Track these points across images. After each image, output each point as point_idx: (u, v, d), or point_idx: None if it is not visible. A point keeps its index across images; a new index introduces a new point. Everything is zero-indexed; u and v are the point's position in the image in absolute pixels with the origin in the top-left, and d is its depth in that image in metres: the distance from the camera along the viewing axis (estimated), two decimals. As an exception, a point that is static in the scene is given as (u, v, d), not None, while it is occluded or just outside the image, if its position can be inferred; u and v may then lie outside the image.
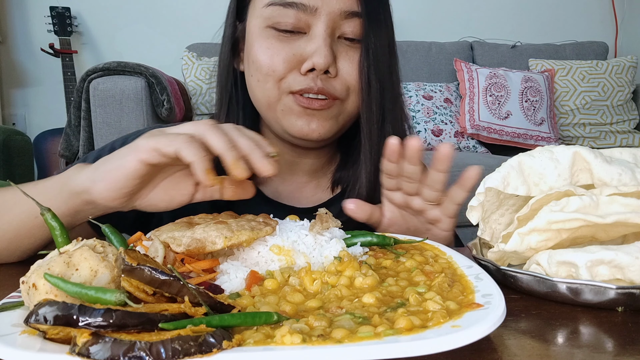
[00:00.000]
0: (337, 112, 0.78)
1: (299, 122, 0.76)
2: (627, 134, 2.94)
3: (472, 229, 0.87)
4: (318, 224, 0.57)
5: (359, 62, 0.75)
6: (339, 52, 0.75)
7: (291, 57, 0.74)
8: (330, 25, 0.73)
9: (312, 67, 0.73)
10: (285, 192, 0.89)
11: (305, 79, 0.74)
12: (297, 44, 0.74)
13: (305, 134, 0.77)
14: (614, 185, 0.53)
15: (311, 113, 0.76)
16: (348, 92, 0.77)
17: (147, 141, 0.55)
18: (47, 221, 0.50)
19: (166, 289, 0.38)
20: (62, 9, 2.97)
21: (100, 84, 2.10)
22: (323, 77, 0.74)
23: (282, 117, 0.78)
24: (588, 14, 3.55)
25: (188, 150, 0.52)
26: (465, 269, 0.51)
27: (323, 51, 0.72)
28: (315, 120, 0.76)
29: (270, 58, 0.74)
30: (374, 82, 0.76)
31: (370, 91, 0.77)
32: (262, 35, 0.76)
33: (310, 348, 0.33)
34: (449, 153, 0.61)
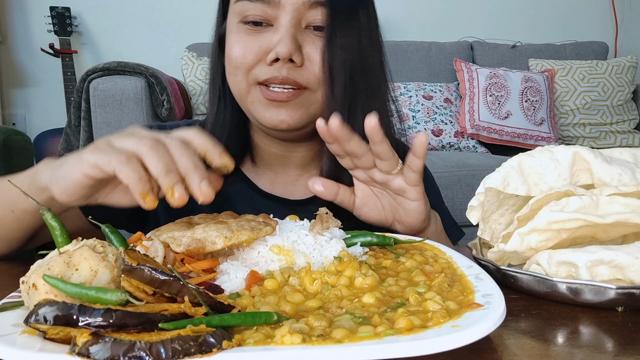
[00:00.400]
0: (306, 102, 0.78)
1: (267, 113, 0.78)
2: (627, 134, 2.93)
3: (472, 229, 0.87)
4: (318, 224, 0.57)
5: (322, 49, 0.76)
6: (305, 41, 0.76)
7: (257, 49, 0.76)
8: (295, 15, 0.75)
9: (277, 57, 0.74)
10: (279, 185, 0.90)
11: (271, 69, 0.75)
12: (264, 36, 0.76)
13: (275, 125, 0.78)
14: (614, 185, 0.53)
15: (279, 104, 0.77)
16: (318, 83, 0.77)
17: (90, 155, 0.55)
18: (47, 221, 0.50)
19: (166, 289, 0.38)
20: (62, 9, 2.97)
21: (100, 84, 2.10)
22: (289, 66, 0.75)
23: (253, 109, 0.79)
24: (588, 14, 3.55)
25: (125, 172, 0.52)
26: (465, 269, 0.51)
27: (285, 40, 0.73)
28: (284, 111, 0.77)
29: (239, 51, 0.77)
30: (338, 72, 0.76)
31: (334, 81, 0.76)
32: (234, 30, 0.79)
33: (310, 348, 0.33)
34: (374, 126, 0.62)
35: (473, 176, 2.15)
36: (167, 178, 0.52)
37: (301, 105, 0.78)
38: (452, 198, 2.11)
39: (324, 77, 0.77)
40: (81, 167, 0.55)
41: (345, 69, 0.77)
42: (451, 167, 2.17)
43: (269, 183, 0.90)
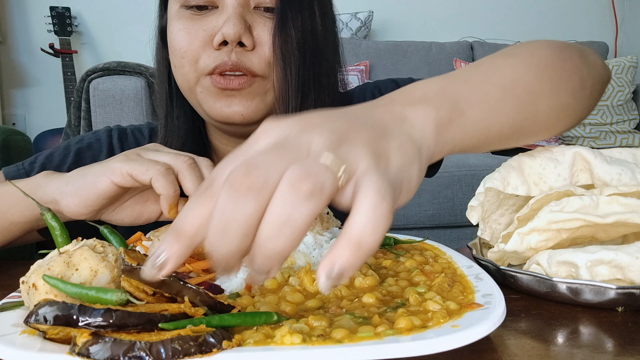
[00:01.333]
0: (261, 90, 0.71)
1: (218, 104, 0.70)
2: (627, 134, 2.93)
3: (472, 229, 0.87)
4: (318, 224, 0.57)
5: (271, 31, 0.70)
6: (255, 22, 0.70)
7: (203, 34, 0.69)
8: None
9: (224, 40, 0.68)
10: None
11: (220, 54, 0.68)
12: (209, 20, 0.70)
13: (227, 117, 0.71)
14: (614, 185, 0.53)
15: (230, 94, 0.70)
16: (270, 68, 0.71)
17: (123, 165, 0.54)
18: (47, 221, 0.50)
19: (166, 289, 0.38)
20: (62, 9, 2.97)
21: (100, 84, 2.10)
22: (239, 51, 0.68)
23: (202, 100, 0.72)
24: (588, 14, 3.55)
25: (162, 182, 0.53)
26: (465, 269, 0.51)
27: (232, 20, 0.67)
28: (236, 101, 0.70)
29: (183, 39, 0.70)
30: (291, 55, 0.70)
31: (286, 65, 0.70)
32: (175, 17, 0.72)
33: (310, 348, 0.33)
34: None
35: (473, 176, 2.15)
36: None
37: (256, 93, 0.71)
38: (452, 198, 2.11)
39: (275, 61, 0.70)
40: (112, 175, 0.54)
41: (297, 52, 0.71)
42: (451, 167, 2.17)
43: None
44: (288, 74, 0.71)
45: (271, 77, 0.72)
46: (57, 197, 0.58)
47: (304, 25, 0.72)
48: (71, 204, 0.56)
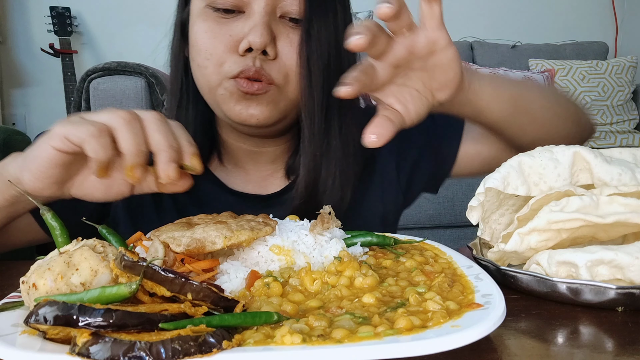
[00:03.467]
0: (276, 98, 0.74)
1: (237, 106, 0.73)
2: (627, 134, 2.94)
3: (472, 229, 0.87)
4: (319, 225, 0.57)
5: (298, 45, 0.72)
6: (279, 32, 0.72)
7: (229, 40, 0.71)
8: (270, 3, 0.70)
9: (250, 47, 0.69)
10: (251, 182, 0.86)
11: (244, 60, 0.70)
12: (235, 25, 0.71)
13: (244, 119, 0.73)
14: (614, 185, 0.53)
15: (250, 98, 0.72)
16: (287, 79, 0.73)
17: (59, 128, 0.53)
18: (47, 221, 0.50)
19: (168, 287, 0.38)
20: (62, 9, 2.97)
21: (100, 84, 2.10)
22: (262, 58, 0.70)
23: (222, 101, 0.74)
24: (588, 14, 3.55)
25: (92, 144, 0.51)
26: (465, 269, 0.51)
27: (259, 29, 0.68)
28: (254, 105, 0.73)
29: (209, 41, 0.72)
30: (315, 68, 0.72)
31: (311, 78, 0.72)
32: (201, 17, 0.73)
33: (310, 348, 0.33)
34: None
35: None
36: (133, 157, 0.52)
37: (270, 100, 0.73)
38: (452, 198, 2.11)
39: (301, 73, 0.72)
40: (51, 140, 0.53)
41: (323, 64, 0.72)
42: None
43: (240, 182, 0.86)
44: (313, 87, 0.73)
45: (287, 87, 0.74)
46: (18, 174, 0.57)
47: (328, 37, 0.73)
48: (28, 179, 0.55)
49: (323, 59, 0.73)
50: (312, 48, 0.72)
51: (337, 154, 0.78)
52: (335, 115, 0.77)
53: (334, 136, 0.77)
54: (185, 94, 0.81)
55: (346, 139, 0.78)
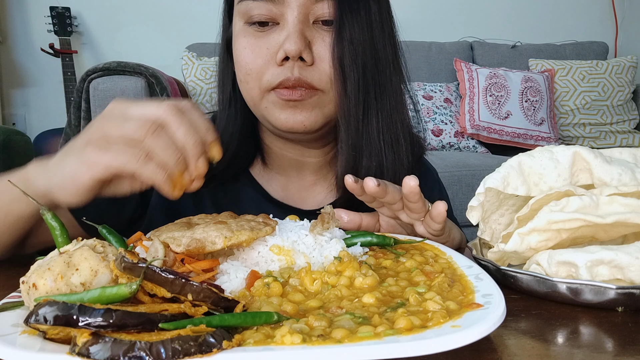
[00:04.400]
0: (320, 103, 0.75)
1: (283, 114, 0.74)
2: (627, 134, 2.93)
3: (472, 229, 0.87)
4: (319, 225, 0.57)
5: (332, 45, 0.73)
6: (314, 37, 0.73)
7: (266, 52, 0.73)
8: (302, 11, 0.72)
9: (286, 55, 0.71)
10: (291, 191, 0.87)
11: (283, 70, 0.72)
12: (272, 37, 0.73)
13: (291, 126, 0.75)
14: (614, 185, 0.53)
15: (294, 104, 0.74)
16: (331, 82, 0.74)
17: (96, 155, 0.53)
18: (47, 221, 0.50)
19: (169, 287, 0.38)
20: (62, 9, 2.97)
21: (100, 84, 2.10)
22: (300, 65, 0.72)
23: (267, 113, 0.76)
24: (588, 14, 3.55)
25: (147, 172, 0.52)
26: (465, 269, 0.51)
27: (293, 37, 0.70)
28: (299, 112, 0.74)
29: (248, 56, 0.74)
30: (350, 69, 0.73)
31: (346, 80, 0.73)
32: (240, 34, 0.76)
33: (310, 348, 0.33)
34: (413, 188, 0.60)
35: (473, 176, 2.15)
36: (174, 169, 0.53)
37: (315, 105, 0.75)
38: (452, 198, 2.10)
39: (335, 75, 0.73)
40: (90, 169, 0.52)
41: (357, 65, 0.73)
42: (451, 167, 2.17)
43: (280, 189, 0.87)
44: (348, 88, 0.74)
45: (329, 90, 0.75)
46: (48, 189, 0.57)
47: (361, 37, 0.74)
48: (64, 196, 0.55)
49: (357, 58, 0.73)
50: (345, 48, 0.72)
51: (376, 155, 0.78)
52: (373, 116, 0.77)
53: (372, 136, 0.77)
54: (234, 106, 0.84)
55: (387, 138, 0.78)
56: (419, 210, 0.64)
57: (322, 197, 0.87)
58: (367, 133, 0.77)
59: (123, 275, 0.40)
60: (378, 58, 0.76)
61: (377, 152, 0.77)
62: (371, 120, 0.77)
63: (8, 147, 2.47)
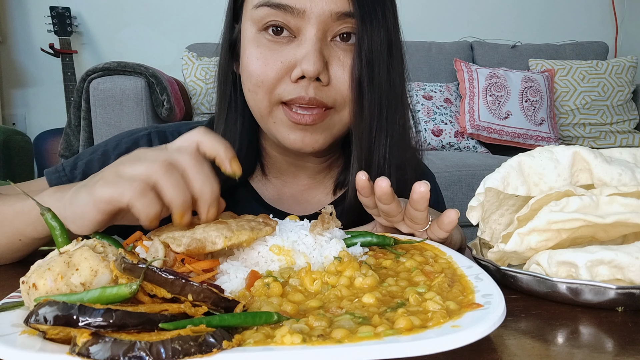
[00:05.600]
0: (331, 123, 0.75)
1: (292, 135, 0.74)
2: (627, 134, 2.93)
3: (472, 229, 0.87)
4: (319, 225, 0.57)
5: (351, 67, 0.71)
6: (331, 57, 0.72)
7: (280, 65, 0.71)
8: (321, 28, 0.69)
9: (302, 75, 0.69)
10: (286, 194, 0.87)
11: (296, 88, 0.70)
12: (287, 50, 0.71)
13: (299, 148, 0.74)
14: (614, 185, 0.53)
15: (304, 128, 0.73)
16: (344, 102, 0.73)
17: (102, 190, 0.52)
18: (47, 221, 0.50)
19: (169, 288, 0.38)
20: (62, 9, 2.97)
21: (100, 84, 2.10)
22: (315, 85, 0.70)
23: (275, 129, 0.75)
24: (588, 14, 3.55)
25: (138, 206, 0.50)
26: (465, 269, 0.51)
27: (312, 57, 0.68)
28: (309, 134, 0.73)
29: (261, 67, 0.72)
30: (366, 88, 0.72)
31: (363, 98, 0.72)
32: (253, 42, 0.73)
33: (310, 348, 0.33)
34: (424, 193, 0.59)
35: (473, 176, 2.15)
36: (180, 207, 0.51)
37: (326, 127, 0.74)
38: (452, 198, 2.11)
39: (352, 96, 0.72)
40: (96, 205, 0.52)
41: (374, 86, 0.72)
42: (451, 167, 2.17)
43: (275, 193, 0.87)
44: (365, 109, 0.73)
45: (343, 111, 0.74)
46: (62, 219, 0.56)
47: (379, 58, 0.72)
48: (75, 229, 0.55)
49: (375, 79, 0.72)
50: (363, 68, 0.71)
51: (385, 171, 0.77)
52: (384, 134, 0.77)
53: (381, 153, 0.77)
54: (233, 109, 0.82)
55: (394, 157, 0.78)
56: (423, 221, 0.63)
57: (316, 201, 0.87)
58: (377, 150, 0.77)
59: (123, 276, 0.40)
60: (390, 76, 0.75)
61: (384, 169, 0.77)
62: (381, 137, 0.76)
63: (8, 147, 2.47)
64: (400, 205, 0.63)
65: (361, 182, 0.62)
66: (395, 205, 0.62)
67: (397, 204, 0.63)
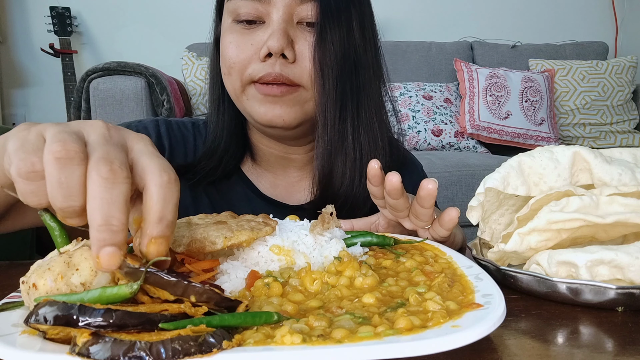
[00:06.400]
0: (301, 99, 0.78)
1: (262, 108, 0.78)
2: (627, 134, 2.94)
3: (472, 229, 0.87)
4: (319, 225, 0.57)
5: (312, 46, 0.76)
6: (297, 36, 0.76)
7: (250, 47, 0.76)
8: (286, 11, 0.75)
9: (269, 52, 0.74)
10: (279, 187, 0.90)
11: (264, 66, 0.75)
12: (257, 34, 0.77)
13: (269, 120, 0.78)
14: (614, 185, 0.53)
15: (273, 100, 0.77)
16: (311, 80, 0.77)
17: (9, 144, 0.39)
18: (45, 222, 0.49)
19: (171, 290, 0.38)
20: (62, 9, 2.97)
21: (100, 84, 2.10)
22: (281, 62, 0.75)
23: (248, 106, 0.79)
24: (588, 14, 3.55)
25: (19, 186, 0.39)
26: (465, 269, 0.51)
27: (277, 35, 0.74)
28: (278, 107, 0.77)
29: (233, 51, 0.77)
30: (328, 68, 0.76)
31: (325, 78, 0.76)
32: (228, 30, 0.79)
33: (310, 348, 0.33)
34: (432, 191, 0.59)
35: (473, 176, 2.15)
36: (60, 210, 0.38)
37: (296, 102, 0.78)
38: (452, 198, 2.11)
39: (314, 73, 0.76)
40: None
41: (336, 65, 0.76)
42: (451, 167, 2.17)
43: (269, 185, 0.90)
44: (327, 86, 0.76)
45: (310, 88, 0.78)
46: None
47: (342, 39, 0.77)
48: None
49: (337, 58, 0.76)
50: (325, 48, 0.75)
51: (351, 152, 0.80)
52: (349, 115, 0.80)
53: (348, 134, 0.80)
54: (222, 102, 0.87)
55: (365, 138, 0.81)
56: (428, 218, 0.64)
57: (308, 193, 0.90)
58: (343, 130, 0.80)
59: (125, 279, 0.40)
60: (358, 61, 0.80)
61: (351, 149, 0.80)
62: (346, 118, 0.79)
63: (8, 147, 2.47)
64: (408, 201, 0.64)
65: (373, 170, 0.63)
66: (403, 200, 0.63)
67: (405, 200, 0.64)
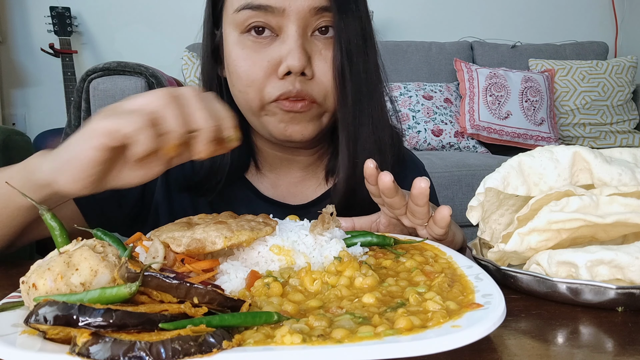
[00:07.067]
0: (318, 113, 0.78)
1: (282, 124, 0.77)
2: (627, 134, 2.93)
3: (472, 229, 0.87)
4: (319, 225, 0.57)
5: (332, 58, 0.75)
6: (313, 51, 0.75)
7: (267, 65, 0.74)
8: (301, 24, 0.73)
9: (288, 70, 0.73)
10: (281, 187, 0.90)
11: (284, 83, 0.74)
12: (272, 49, 0.74)
13: (289, 136, 0.77)
14: (614, 185, 0.53)
15: (294, 116, 0.76)
16: (326, 95, 0.77)
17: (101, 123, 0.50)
18: (46, 221, 0.50)
19: (174, 293, 0.38)
20: (62, 9, 2.97)
21: (100, 84, 2.10)
22: (301, 79, 0.74)
23: (266, 121, 0.78)
24: (588, 14, 3.55)
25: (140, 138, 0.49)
26: (465, 269, 0.51)
27: (297, 53, 0.72)
28: (297, 122, 0.77)
29: (249, 68, 0.75)
30: (348, 78, 0.76)
31: (345, 88, 0.76)
32: (238, 45, 0.76)
33: (310, 348, 0.33)
34: (423, 189, 0.60)
35: (473, 176, 2.15)
36: (177, 138, 0.51)
37: (313, 117, 0.78)
38: (452, 198, 2.11)
39: (335, 88, 0.76)
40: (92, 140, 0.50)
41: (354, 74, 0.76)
42: (451, 167, 2.17)
43: (270, 186, 0.89)
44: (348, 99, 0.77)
45: (327, 102, 0.78)
46: (52, 177, 0.54)
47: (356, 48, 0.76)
48: (66, 181, 0.53)
49: (354, 68, 0.76)
50: (344, 59, 0.75)
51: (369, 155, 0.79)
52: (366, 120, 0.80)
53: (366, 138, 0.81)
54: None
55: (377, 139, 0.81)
56: (423, 216, 0.64)
57: (310, 192, 0.90)
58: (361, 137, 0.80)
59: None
60: (367, 64, 0.79)
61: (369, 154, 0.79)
62: (363, 123, 0.80)
63: (8, 147, 2.47)
64: (404, 199, 0.65)
65: (369, 169, 0.63)
66: (398, 198, 0.64)
67: (401, 198, 0.64)
